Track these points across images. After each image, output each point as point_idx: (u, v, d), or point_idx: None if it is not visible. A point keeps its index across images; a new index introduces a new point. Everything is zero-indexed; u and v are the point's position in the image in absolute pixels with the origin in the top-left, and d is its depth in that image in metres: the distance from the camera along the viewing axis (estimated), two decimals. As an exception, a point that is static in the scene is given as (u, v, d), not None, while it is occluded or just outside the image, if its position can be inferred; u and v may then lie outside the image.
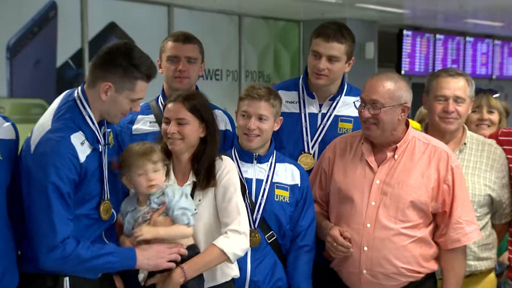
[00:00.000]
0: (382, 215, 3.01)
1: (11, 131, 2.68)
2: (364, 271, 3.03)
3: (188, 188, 2.84)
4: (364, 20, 9.79)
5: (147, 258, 2.69)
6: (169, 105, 2.90)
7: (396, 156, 3.05)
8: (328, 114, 3.38)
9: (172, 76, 3.29)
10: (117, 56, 2.64)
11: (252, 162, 3.06)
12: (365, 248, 3.02)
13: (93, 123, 2.65)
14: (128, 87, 2.64)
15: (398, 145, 3.06)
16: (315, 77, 3.32)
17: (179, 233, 2.78)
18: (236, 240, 2.81)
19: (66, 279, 2.61)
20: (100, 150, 2.68)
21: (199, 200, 2.85)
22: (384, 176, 3.04)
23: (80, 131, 2.61)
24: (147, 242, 2.75)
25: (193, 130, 2.87)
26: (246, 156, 3.07)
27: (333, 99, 3.40)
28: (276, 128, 3.09)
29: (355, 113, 3.27)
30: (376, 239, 3.00)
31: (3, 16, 6.68)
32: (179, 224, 2.77)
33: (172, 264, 2.74)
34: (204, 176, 2.86)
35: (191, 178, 2.89)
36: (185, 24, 8.41)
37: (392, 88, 3.00)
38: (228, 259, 2.81)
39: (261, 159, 3.07)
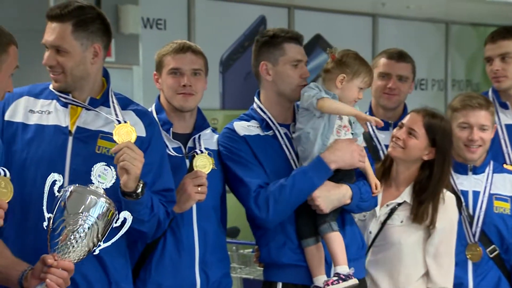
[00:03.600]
0: None
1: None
2: None
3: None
4: None
5: (337, 153, 2.60)
6: (411, 114, 2.89)
7: None
8: None
9: (381, 92, 3.27)
10: None
11: (467, 174, 2.96)
12: None
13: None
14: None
15: None
16: (495, 82, 3.29)
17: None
18: None
19: (279, 284, 2.71)
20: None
21: (401, 222, 2.80)
22: None
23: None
24: None
25: (418, 145, 2.80)
26: (461, 168, 2.97)
27: None
28: (491, 136, 2.97)
29: None
30: None
31: (218, 33, 7.11)
32: None
33: (364, 164, 2.66)
34: (424, 210, 2.76)
35: (404, 197, 2.82)
36: (390, 34, 8.37)
37: None
38: None
39: (476, 170, 2.97)
